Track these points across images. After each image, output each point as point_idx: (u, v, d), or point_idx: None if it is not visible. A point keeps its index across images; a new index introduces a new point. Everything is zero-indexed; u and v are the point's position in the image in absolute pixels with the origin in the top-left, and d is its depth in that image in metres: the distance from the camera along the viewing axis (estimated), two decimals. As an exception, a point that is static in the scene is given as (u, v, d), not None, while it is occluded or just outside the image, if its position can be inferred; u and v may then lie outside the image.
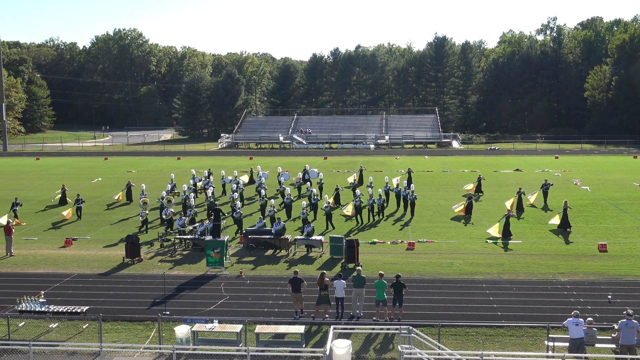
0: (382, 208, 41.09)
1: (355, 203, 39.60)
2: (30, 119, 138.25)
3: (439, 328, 20.30)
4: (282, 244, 32.69)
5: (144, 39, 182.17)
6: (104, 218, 42.12)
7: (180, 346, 19.89)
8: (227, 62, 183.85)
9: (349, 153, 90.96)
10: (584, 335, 19.06)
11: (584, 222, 38.41)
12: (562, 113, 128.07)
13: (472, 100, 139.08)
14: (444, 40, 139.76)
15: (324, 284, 22.82)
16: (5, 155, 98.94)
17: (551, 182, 45.85)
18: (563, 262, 29.94)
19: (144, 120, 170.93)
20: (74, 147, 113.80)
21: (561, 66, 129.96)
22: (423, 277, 27.81)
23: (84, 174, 64.03)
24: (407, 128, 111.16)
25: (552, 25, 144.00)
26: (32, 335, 21.86)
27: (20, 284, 27.54)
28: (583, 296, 24.95)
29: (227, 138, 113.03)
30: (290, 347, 20.09)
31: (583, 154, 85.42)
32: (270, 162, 73.81)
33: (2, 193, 51.84)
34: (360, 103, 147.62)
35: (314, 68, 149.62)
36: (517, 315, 23.02)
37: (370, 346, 20.65)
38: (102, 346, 19.04)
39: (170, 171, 56.56)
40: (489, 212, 41.13)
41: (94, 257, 32.15)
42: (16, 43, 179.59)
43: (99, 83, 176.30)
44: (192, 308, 24.18)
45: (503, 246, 33.22)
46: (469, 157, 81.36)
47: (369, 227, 38.05)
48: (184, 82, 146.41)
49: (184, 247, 33.38)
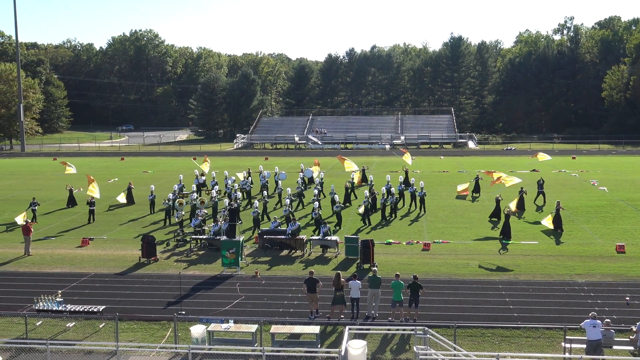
0: (396, 207, 41.14)
1: (365, 203, 39.67)
2: (48, 119, 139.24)
3: (455, 329, 20.19)
4: (298, 244, 32.70)
5: (160, 39, 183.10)
6: (120, 218, 42.32)
7: (195, 346, 19.95)
8: (243, 62, 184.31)
9: (364, 153, 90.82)
10: (601, 337, 18.89)
11: (601, 223, 38.09)
12: (579, 113, 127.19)
13: (488, 101, 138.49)
14: (460, 40, 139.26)
15: (339, 285, 22.79)
16: (23, 155, 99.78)
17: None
18: (580, 263, 29.71)
19: (160, 121, 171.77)
20: (91, 147, 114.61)
21: (578, 66, 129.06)
22: (439, 278, 27.71)
23: (101, 174, 64.37)
24: (423, 128, 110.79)
25: (569, 25, 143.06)
26: (49, 334, 22.01)
27: (38, 284, 27.75)
28: (600, 297, 24.74)
29: (242, 138, 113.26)
30: (306, 348, 20.08)
31: (600, 154, 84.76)
32: (286, 162, 73.86)
33: (20, 193, 52.27)
34: (375, 103, 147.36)
35: (330, 68, 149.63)
36: (534, 316, 22.86)
37: (386, 347, 20.59)
38: (118, 345, 19.13)
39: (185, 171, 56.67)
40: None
41: (110, 257, 32.33)
42: (34, 44, 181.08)
43: (115, 84, 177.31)
44: (208, 308, 24.24)
45: (502, 246, 33.16)
46: (485, 158, 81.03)
47: (383, 227, 37.95)
48: (200, 83, 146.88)
49: (199, 247, 33.48)
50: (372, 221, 39.15)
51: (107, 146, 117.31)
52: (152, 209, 43.53)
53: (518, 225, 37.54)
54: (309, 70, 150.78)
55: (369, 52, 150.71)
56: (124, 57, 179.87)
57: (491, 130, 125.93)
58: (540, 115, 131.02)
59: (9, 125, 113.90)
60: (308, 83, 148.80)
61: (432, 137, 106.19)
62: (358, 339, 19.21)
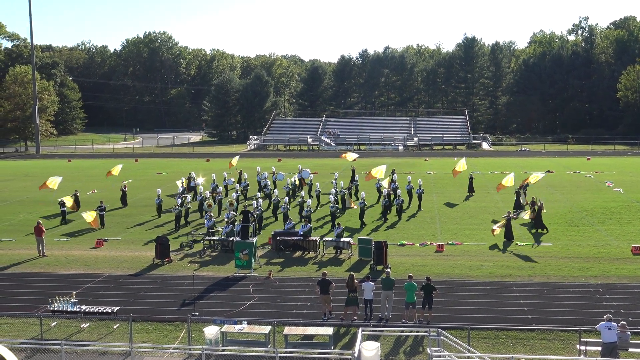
0: (401, 209, 41.30)
1: (361, 205, 39.77)
2: (62, 121, 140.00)
3: (469, 331, 20.08)
4: (311, 245, 32.70)
5: (173, 41, 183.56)
6: (134, 220, 42.51)
7: (209, 347, 19.99)
8: (256, 64, 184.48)
9: (377, 155, 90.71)
10: (617, 339, 18.75)
11: (616, 225, 37.82)
12: (594, 114, 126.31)
13: (502, 101, 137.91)
14: (474, 40, 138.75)
15: (352, 286, 22.76)
16: (38, 157, 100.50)
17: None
18: (595, 264, 29.50)
19: (173, 123, 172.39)
20: (105, 149, 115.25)
21: (593, 66, 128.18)
22: (452, 280, 27.61)
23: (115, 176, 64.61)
24: (436, 129, 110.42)
25: (584, 25, 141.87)
26: (64, 334, 22.13)
27: (53, 284, 27.92)
28: (616, 299, 24.55)
29: (255, 140, 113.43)
30: (319, 349, 20.07)
31: (616, 155, 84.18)
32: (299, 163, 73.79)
33: (35, 194, 52.59)
34: (388, 104, 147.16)
35: (343, 70, 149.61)
36: (548, 318, 22.73)
37: (400, 348, 20.54)
38: (132, 346, 19.21)
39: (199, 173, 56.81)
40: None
41: (124, 258, 32.47)
42: (49, 47, 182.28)
43: (129, 86, 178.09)
44: (221, 309, 24.29)
45: (502, 248, 33.02)
46: (499, 159, 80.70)
47: (396, 229, 37.88)
48: (213, 85, 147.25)
49: (212, 249, 33.55)
50: (365, 223, 39.09)
51: (121, 148, 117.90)
52: (159, 212, 43.35)
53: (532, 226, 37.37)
54: (322, 72, 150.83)
55: (382, 53, 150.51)
56: (138, 59, 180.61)
57: (505, 131, 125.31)
58: (555, 116, 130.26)
59: (25, 127, 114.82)
60: (321, 84, 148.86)
61: (446, 138, 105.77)
62: (371, 340, 19.18)
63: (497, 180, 53.11)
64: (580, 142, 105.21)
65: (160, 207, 43.45)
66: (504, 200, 44.71)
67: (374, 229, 37.78)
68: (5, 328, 22.81)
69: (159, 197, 43.63)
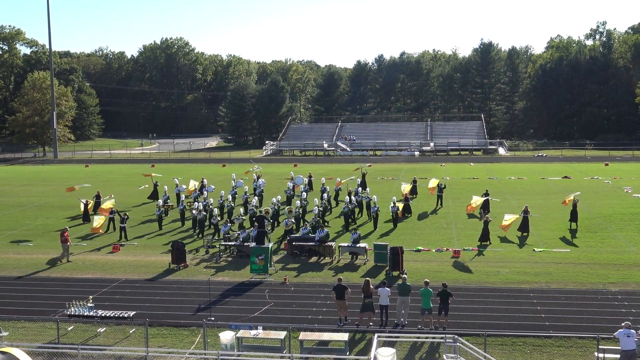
0: (397, 217, 40.83)
1: (344, 209, 40.04)
2: (80, 127, 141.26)
3: (485, 337, 19.94)
4: (326, 251, 32.66)
5: (190, 47, 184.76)
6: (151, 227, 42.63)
7: (224, 352, 20.00)
8: (272, 69, 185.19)
9: (393, 160, 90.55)
10: (635, 347, 18.55)
11: (635, 231, 37.42)
12: (612, 119, 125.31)
13: (518, 107, 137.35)
14: (490, 46, 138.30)
15: (368, 292, 22.70)
16: (56, 162, 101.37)
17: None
18: (614, 271, 29.21)
19: (190, 128, 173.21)
20: (122, 154, 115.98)
21: (611, 71, 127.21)
22: (469, 286, 27.45)
23: (132, 181, 65.03)
24: (453, 135, 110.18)
25: (602, 30, 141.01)
26: (80, 339, 22.25)
27: (70, 289, 28.08)
28: (635, 307, 24.28)
29: (271, 145, 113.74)
30: (334, 355, 20.04)
31: (634, 160, 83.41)
32: (315, 169, 73.83)
33: (53, 199, 52.98)
34: (404, 110, 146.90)
35: (359, 75, 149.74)
36: (566, 325, 22.51)
37: (415, 355, 20.44)
38: (148, 351, 19.27)
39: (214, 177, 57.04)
40: (535, 220, 40.02)
41: (140, 263, 32.61)
42: (67, 53, 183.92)
43: (146, 91, 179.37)
44: (237, 314, 24.30)
45: (478, 252, 33.12)
46: (516, 164, 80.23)
47: (412, 234, 37.73)
48: (230, 90, 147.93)
49: (228, 254, 33.60)
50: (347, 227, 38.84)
51: (137, 153, 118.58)
52: (182, 220, 42.14)
53: (550, 233, 37.17)
54: (338, 77, 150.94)
55: (398, 59, 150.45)
56: (155, 65, 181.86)
57: (522, 137, 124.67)
58: (572, 122, 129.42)
59: (42, 133, 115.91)
60: (337, 90, 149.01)
61: (462, 143, 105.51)
62: (387, 346, 19.09)
63: (514, 186, 52.94)
64: (598, 147, 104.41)
65: (161, 218, 41.35)
66: (520, 207, 44.36)
67: (384, 234, 37.65)
68: (23, 332, 22.96)
69: (159, 209, 41.58)
